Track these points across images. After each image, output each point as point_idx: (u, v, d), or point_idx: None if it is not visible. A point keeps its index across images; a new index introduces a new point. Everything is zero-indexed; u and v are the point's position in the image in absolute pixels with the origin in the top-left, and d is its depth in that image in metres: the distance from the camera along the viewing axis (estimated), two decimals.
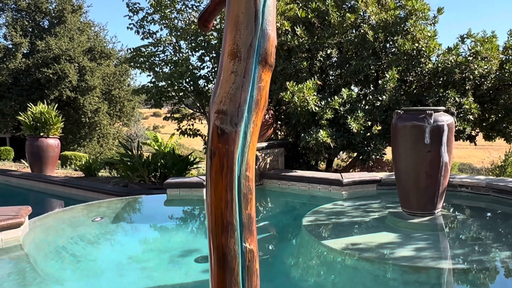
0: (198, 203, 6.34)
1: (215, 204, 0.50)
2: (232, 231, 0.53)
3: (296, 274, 3.86)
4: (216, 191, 0.51)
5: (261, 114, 0.84)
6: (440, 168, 4.69)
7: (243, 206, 0.53)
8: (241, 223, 0.53)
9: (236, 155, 0.61)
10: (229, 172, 0.56)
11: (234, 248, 0.52)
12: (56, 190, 8.99)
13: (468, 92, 7.35)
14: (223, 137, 0.66)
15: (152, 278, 3.70)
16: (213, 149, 0.64)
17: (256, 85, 0.73)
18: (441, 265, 3.63)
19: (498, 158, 16.01)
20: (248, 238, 0.53)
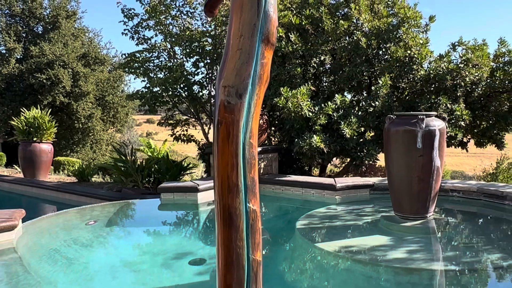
0: (192, 207, 6.35)
1: (221, 168, 0.54)
2: (237, 193, 0.57)
3: (289, 276, 3.88)
4: (222, 157, 0.55)
5: (264, 88, 0.89)
6: (432, 172, 4.76)
7: (248, 170, 0.57)
8: (246, 185, 0.58)
9: (241, 124, 0.65)
10: (234, 140, 0.60)
11: (239, 207, 0.57)
12: (49, 195, 8.95)
13: (459, 98, 7.44)
14: (229, 108, 0.70)
15: (145, 281, 3.70)
16: (220, 119, 0.68)
17: (259, 61, 0.78)
18: (433, 267, 3.68)
19: (490, 166, 16.16)
20: (251, 199, 0.57)
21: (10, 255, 4.23)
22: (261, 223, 0.74)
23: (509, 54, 7.74)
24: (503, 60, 7.91)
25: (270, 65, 0.90)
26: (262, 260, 0.58)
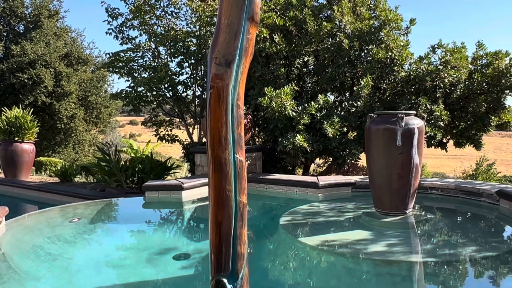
0: (176, 205, 6.38)
1: (213, 125, 0.63)
2: (227, 145, 0.66)
3: (273, 269, 3.96)
4: (214, 116, 0.63)
5: (249, 60, 0.98)
6: (411, 169, 4.90)
7: (235, 127, 0.65)
8: (234, 139, 0.66)
9: (230, 87, 0.73)
10: (224, 101, 0.69)
11: (228, 157, 0.65)
12: (31, 195, 8.86)
13: (439, 99, 7.64)
14: (219, 75, 0.78)
15: (130, 275, 3.74)
16: (212, 84, 0.76)
17: (245, 36, 0.87)
18: (411, 259, 3.80)
19: (470, 167, 16.57)
20: (238, 151, 0.65)
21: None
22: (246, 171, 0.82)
23: (486, 56, 7.98)
24: (480, 62, 8.15)
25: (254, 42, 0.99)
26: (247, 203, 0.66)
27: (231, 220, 0.57)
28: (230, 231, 0.58)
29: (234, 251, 0.59)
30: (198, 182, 6.73)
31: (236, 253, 0.59)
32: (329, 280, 3.62)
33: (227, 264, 0.55)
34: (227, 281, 0.54)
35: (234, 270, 0.56)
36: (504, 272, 3.70)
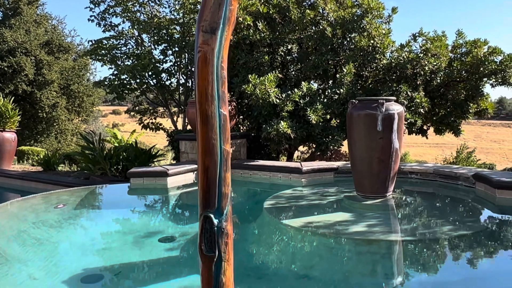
0: (161, 191, 6.44)
1: (201, 84, 0.71)
2: (212, 101, 0.74)
3: (257, 249, 4.07)
4: (201, 76, 0.71)
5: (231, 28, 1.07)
6: (391, 153, 5.04)
7: (220, 85, 0.74)
8: (218, 96, 0.74)
9: (215, 51, 0.81)
10: (210, 63, 0.77)
11: (214, 111, 0.74)
12: (13, 184, 8.80)
13: (419, 87, 7.80)
14: (206, 40, 0.87)
15: (116, 257, 3.80)
16: (199, 48, 0.84)
17: (228, 7, 0.95)
18: (390, 238, 3.95)
19: (450, 155, 16.93)
20: (222, 106, 0.74)
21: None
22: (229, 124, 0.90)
23: (465, 45, 8.16)
24: (460, 51, 8.33)
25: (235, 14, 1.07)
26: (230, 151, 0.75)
27: (216, 165, 0.65)
28: (216, 175, 0.67)
29: (219, 191, 0.68)
30: (183, 168, 6.79)
31: (221, 193, 0.69)
32: (311, 258, 3.74)
33: (213, 202, 0.64)
34: (214, 216, 0.62)
35: (220, 207, 0.65)
36: (477, 249, 3.87)
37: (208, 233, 0.70)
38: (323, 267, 3.55)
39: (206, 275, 0.69)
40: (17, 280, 3.25)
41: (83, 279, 3.23)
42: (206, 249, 0.70)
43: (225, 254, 0.71)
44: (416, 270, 3.42)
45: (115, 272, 3.43)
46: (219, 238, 0.70)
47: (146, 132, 13.32)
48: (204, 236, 0.70)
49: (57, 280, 3.23)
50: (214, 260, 0.70)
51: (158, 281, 3.27)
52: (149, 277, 3.36)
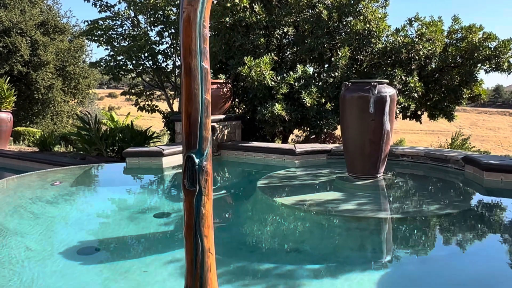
0: (157, 171, 6.52)
1: (185, 40, 0.78)
2: (195, 55, 0.81)
3: (250, 225, 4.18)
4: (186, 33, 0.77)
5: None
6: (382, 135, 5.13)
7: (202, 42, 0.81)
8: (201, 51, 0.81)
9: (198, 11, 0.87)
10: (193, 21, 0.83)
11: (196, 64, 0.81)
12: (10, 163, 8.84)
13: (413, 71, 7.87)
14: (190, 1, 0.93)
15: (112, 231, 3.90)
16: (184, 8, 0.91)
17: None
18: (379, 215, 4.07)
19: (445, 142, 17.08)
20: (204, 60, 0.81)
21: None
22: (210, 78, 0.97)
23: (461, 30, 8.21)
24: (456, 36, 8.38)
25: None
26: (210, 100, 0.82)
27: (198, 112, 0.72)
28: (197, 120, 0.74)
29: (200, 135, 0.76)
30: (178, 149, 6.86)
31: (202, 136, 0.76)
32: (302, 234, 3.86)
33: (195, 144, 0.72)
34: (195, 156, 0.70)
35: (201, 148, 0.73)
36: (462, 226, 4.00)
37: (190, 171, 0.79)
38: (313, 242, 3.67)
39: (188, 207, 0.79)
40: (15, 252, 3.34)
41: (79, 251, 3.32)
42: (188, 185, 0.80)
43: (205, 189, 0.80)
44: (402, 245, 3.53)
45: (110, 244, 3.53)
46: (199, 175, 0.80)
47: (143, 116, 13.34)
48: (186, 173, 0.79)
49: (54, 252, 3.32)
50: (195, 194, 0.80)
51: (152, 253, 3.37)
52: (144, 249, 3.46)
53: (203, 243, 0.81)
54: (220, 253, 3.29)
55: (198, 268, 0.81)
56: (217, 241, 3.55)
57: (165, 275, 2.86)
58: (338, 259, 3.28)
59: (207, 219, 0.82)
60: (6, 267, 3.03)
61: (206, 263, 0.80)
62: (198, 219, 0.80)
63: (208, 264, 0.80)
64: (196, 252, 0.80)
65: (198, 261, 0.81)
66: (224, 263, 3.09)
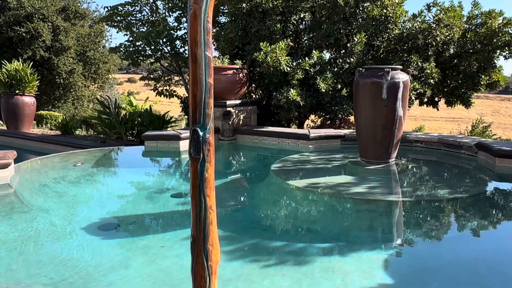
0: (174, 154, 6.71)
1: (192, 33, 0.90)
2: (200, 45, 0.93)
3: (263, 205, 4.34)
4: (192, 27, 0.89)
5: None
6: (395, 121, 5.20)
7: (206, 34, 0.93)
8: (205, 42, 0.94)
9: (202, 9, 0.99)
10: (199, 17, 0.95)
11: (201, 53, 0.93)
12: (33, 146, 9.13)
13: (430, 57, 7.84)
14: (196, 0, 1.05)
15: (131, 209, 4.11)
16: (191, 6, 1.03)
17: None
18: (389, 198, 4.17)
19: (466, 129, 16.91)
20: (207, 50, 0.93)
21: (5, 189, 4.56)
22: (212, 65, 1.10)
23: (480, 16, 8.11)
24: (475, 22, 8.29)
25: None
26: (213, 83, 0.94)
27: (202, 93, 0.85)
28: (201, 100, 0.88)
29: (204, 112, 0.89)
30: None
31: (206, 113, 0.90)
32: (313, 215, 4.00)
33: (200, 120, 0.85)
34: (199, 130, 0.84)
35: (204, 123, 0.86)
36: (471, 210, 4.08)
37: (195, 142, 0.95)
38: (323, 222, 3.80)
39: (193, 171, 0.95)
40: (40, 226, 3.56)
41: (100, 227, 3.52)
42: (194, 153, 0.95)
43: (208, 157, 0.96)
44: (410, 227, 3.64)
45: (130, 222, 3.73)
46: (203, 145, 0.95)
47: (161, 101, 13.58)
48: (192, 144, 0.95)
49: (76, 227, 3.53)
50: (199, 161, 0.95)
51: (169, 230, 3.56)
52: (162, 226, 3.65)
53: (206, 201, 0.96)
54: (234, 231, 3.48)
55: (201, 222, 0.97)
56: (231, 220, 3.74)
57: (181, 250, 3.03)
58: (347, 239, 3.41)
59: (209, 182, 0.98)
60: (33, 240, 3.25)
61: (208, 218, 0.96)
62: (202, 181, 0.96)
63: (210, 219, 0.96)
64: (200, 209, 0.96)
65: (201, 216, 0.96)
66: (237, 240, 3.26)
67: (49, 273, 2.68)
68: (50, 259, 2.90)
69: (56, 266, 2.79)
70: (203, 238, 1.01)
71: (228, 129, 7.56)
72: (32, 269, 2.75)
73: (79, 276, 2.62)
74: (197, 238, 1.02)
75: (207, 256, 1.01)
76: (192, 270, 1.04)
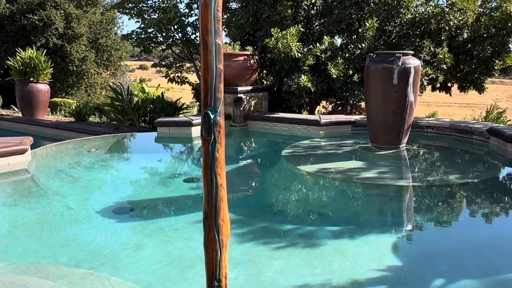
0: (186, 140, 6.79)
1: (203, 21, 0.95)
2: (211, 33, 0.98)
3: (273, 190, 4.41)
4: (203, 16, 0.94)
5: None
6: (406, 106, 5.20)
7: (216, 23, 0.97)
8: (215, 30, 0.98)
9: None
10: (209, 6, 0.99)
11: (211, 41, 0.98)
12: (48, 132, 9.29)
13: (443, 42, 7.75)
14: None
15: (145, 194, 4.20)
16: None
17: None
18: (398, 183, 4.20)
19: (480, 115, 16.72)
20: (217, 37, 0.98)
21: (23, 174, 4.69)
22: None
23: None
24: (489, 5, 8.16)
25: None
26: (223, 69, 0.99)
27: (213, 78, 0.90)
28: (212, 84, 0.93)
29: (215, 96, 0.95)
30: None
31: (216, 97, 0.95)
32: (323, 199, 4.05)
33: (211, 103, 0.90)
34: (210, 113, 0.90)
35: (215, 107, 0.92)
36: (481, 195, 4.10)
37: (206, 124, 1.01)
38: (333, 206, 3.86)
39: (205, 151, 1.01)
40: (57, 209, 3.67)
41: (115, 211, 3.62)
42: (205, 135, 1.01)
43: (218, 138, 1.02)
44: (420, 211, 3.67)
45: (143, 205, 3.82)
46: (214, 127, 1.00)
47: (173, 88, 13.63)
48: (204, 126, 1.01)
49: (92, 210, 3.63)
50: (210, 142, 1.01)
51: (181, 213, 3.64)
52: (174, 210, 3.73)
53: (216, 179, 1.03)
54: (245, 214, 3.55)
55: (213, 198, 1.03)
56: (242, 204, 3.80)
57: (193, 232, 3.11)
58: (357, 222, 3.45)
59: (220, 161, 1.04)
60: (50, 222, 3.37)
61: (219, 195, 1.02)
62: (213, 161, 1.02)
63: (220, 196, 1.03)
64: (212, 186, 1.03)
65: (213, 193, 1.03)
66: (248, 223, 3.33)
67: (66, 254, 2.78)
68: (67, 241, 3.01)
69: (73, 247, 2.89)
70: (215, 214, 1.07)
71: (239, 115, 7.60)
72: (49, 250, 2.86)
73: (95, 257, 2.72)
74: (208, 213, 1.08)
75: (218, 230, 1.07)
76: (204, 244, 1.11)
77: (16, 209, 3.75)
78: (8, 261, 2.67)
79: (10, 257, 2.74)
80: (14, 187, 4.37)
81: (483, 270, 2.56)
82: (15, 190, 4.31)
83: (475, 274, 2.49)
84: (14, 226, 3.34)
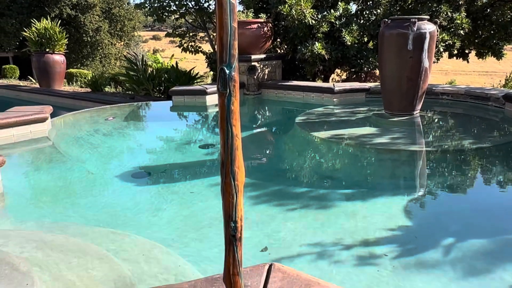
0: (201, 108, 6.88)
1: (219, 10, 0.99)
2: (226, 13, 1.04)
3: (287, 155, 4.49)
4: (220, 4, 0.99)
5: None
6: (420, 72, 5.16)
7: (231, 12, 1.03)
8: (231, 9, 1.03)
9: None
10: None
11: (227, 22, 1.03)
12: (65, 103, 9.46)
13: (461, 7, 7.58)
14: None
15: (161, 159, 4.32)
16: None
17: None
18: (411, 148, 4.24)
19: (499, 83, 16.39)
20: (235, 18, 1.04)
21: (44, 142, 4.85)
22: None
23: None
24: None
25: None
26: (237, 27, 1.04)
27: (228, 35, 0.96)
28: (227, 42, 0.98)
29: (229, 53, 1.01)
30: None
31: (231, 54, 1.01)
32: (335, 164, 4.12)
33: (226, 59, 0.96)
34: (226, 68, 0.96)
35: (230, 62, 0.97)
36: (493, 159, 4.12)
37: (222, 79, 1.07)
38: (346, 171, 3.93)
39: (221, 104, 1.07)
40: (78, 174, 3.82)
41: (134, 175, 3.75)
42: (222, 89, 1.08)
43: (233, 92, 1.08)
44: (431, 175, 3.72)
45: (161, 170, 3.94)
46: (229, 81, 1.06)
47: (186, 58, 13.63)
48: (220, 80, 1.07)
49: (111, 175, 3.77)
50: (226, 96, 1.08)
51: (197, 178, 3.75)
52: (190, 174, 3.84)
53: (232, 130, 1.10)
54: (259, 178, 3.65)
55: (229, 147, 1.11)
56: (257, 169, 3.90)
57: (209, 196, 3.23)
58: (369, 186, 3.53)
59: (235, 113, 1.11)
60: (72, 186, 3.51)
61: (234, 144, 1.10)
62: (229, 113, 1.08)
63: (236, 145, 1.10)
64: (228, 137, 1.10)
65: (229, 143, 1.11)
66: (262, 187, 3.43)
67: (88, 215, 2.92)
68: (89, 203, 3.15)
69: (94, 209, 3.03)
70: (231, 161, 1.15)
71: (253, 84, 7.62)
72: (73, 212, 3.01)
73: (115, 218, 2.86)
74: (225, 161, 1.16)
75: (234, 177, 1.16)
76: (221, 189, 1.20)
77: (40, 173, 3.91)
78: (35, 220, 2.83)
79: (36, 217, 2.89)
80: (36, 154, 4.53)
81: (494, 230, 2.62)
82: (37, 156, 4.47)
83: (485, 233, 2.55)
84: (39, 190, 3.50)
